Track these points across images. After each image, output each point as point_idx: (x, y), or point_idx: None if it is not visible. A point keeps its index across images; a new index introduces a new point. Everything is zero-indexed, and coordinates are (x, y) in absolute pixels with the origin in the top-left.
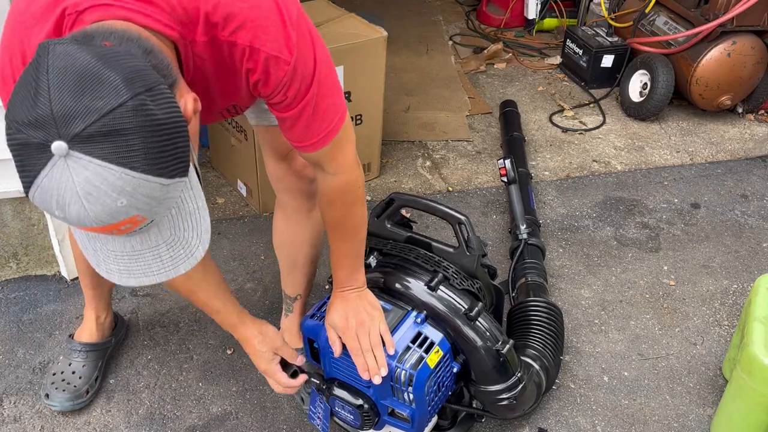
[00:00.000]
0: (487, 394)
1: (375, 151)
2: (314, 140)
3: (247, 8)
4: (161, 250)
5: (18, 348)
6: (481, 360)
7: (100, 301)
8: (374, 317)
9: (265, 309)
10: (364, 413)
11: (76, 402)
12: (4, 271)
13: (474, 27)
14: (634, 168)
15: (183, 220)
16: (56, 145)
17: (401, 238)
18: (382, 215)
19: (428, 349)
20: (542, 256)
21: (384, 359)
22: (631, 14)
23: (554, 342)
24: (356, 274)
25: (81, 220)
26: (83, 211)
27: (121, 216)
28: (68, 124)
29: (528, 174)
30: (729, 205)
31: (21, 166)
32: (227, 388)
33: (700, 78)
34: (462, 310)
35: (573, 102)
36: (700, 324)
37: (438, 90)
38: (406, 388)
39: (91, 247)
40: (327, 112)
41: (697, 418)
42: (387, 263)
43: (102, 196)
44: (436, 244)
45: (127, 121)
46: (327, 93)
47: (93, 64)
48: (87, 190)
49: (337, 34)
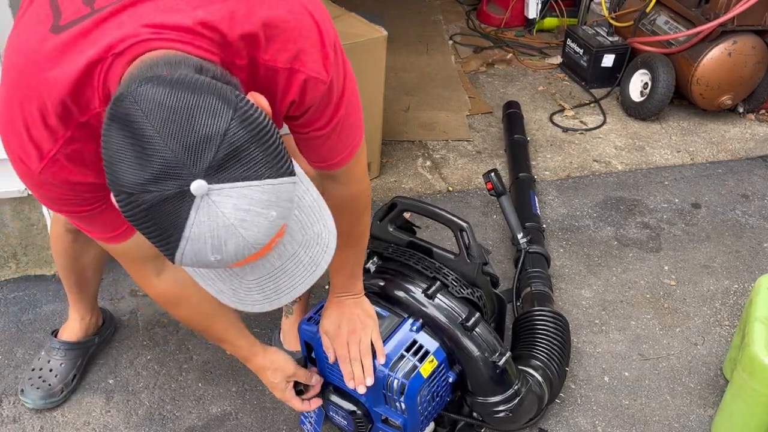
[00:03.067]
0: (483, 406)
1: (375, 151)
2: (338, 158)
3: (290, 29)
4: (300, 256)
5: (17, 348)
6: (477, 371)
7: (84, 303)
8: (367, 325)
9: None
10: (357, 419)
11: (49, 400)
12: (3, 271)
13: (474, 26)
14: (635, 168)
15: (307, 216)
16: (196, 186)
17: (402, 243)
18: (384, 219)
19: (422, 358)
20: (547, 263)
21: (371, 369)
22: (632, 14)
23: (560, 353)
24: (354, 281)
25: (240, 253)
26: (241, 240)
27: (273, 231)
28: (196, 160)
29: (531, 178)
30: (730, 205)
31: (162, 229)
32: (227, 389)
33: (701, 77)
34: (459, 319)
35: (573, 102)
36: (701, 324)
37: (438, 90)
38: (398, 396)
39: (228, 288)
40: (352, 128)
41: (698, 418)
42: (386, 269)
43: (255, 217)
44: (437, 250)
45: (241, 136)
46: (354, 111)
47: (181, 93)
48: (240, 217)
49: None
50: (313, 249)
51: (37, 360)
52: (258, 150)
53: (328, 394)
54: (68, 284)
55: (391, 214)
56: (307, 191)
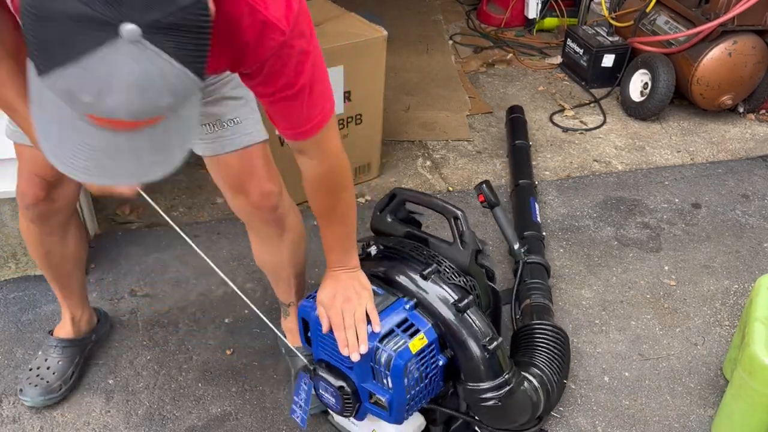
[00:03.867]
0: (473, 392)
1: (375, 151)
2: (308, 125)
3: None
4: (143, 153)
5: (17, 348)
6: (467, 354)
7: (71, 299)
8: (362, 296)
9: (264, 309)
10: (345, 395)
11: (48, 397)
12: (3, 272)
13: (474, 26)
14: (635, 168)
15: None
16: (129, 29)
17: (400, 233)
18: (384, 210)
19: (413, 335)
20: (547, 273)
21: (365, 336)
22: (632, 13)
23: (559, 365)
24: (348, 256)
25: (113, 112)
26: (125, 103)
27: (155, 114)
28: (147, 8)
29: (532, 185)
30: (730, 205)
31: (62, 40)
32: (227, 389)
33: (701, 77)
34: (452, 300)
35: (573, 102)
36: (701, 324)
37: (438, 90)
38: (385, 369)
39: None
40: (321, 96)
41: (698, 418)
42: (385, 254)
43: (153, 92)
44: (433, 240)
45: (196, 19)
46: (321, 78)
47: None
48: (142, 83)
49: (337, 34)
50: (158, 156)
51: (35, 360)
52: (204, 41)
53: (318, 370)
54: (50, 280)
55: (390, 204)
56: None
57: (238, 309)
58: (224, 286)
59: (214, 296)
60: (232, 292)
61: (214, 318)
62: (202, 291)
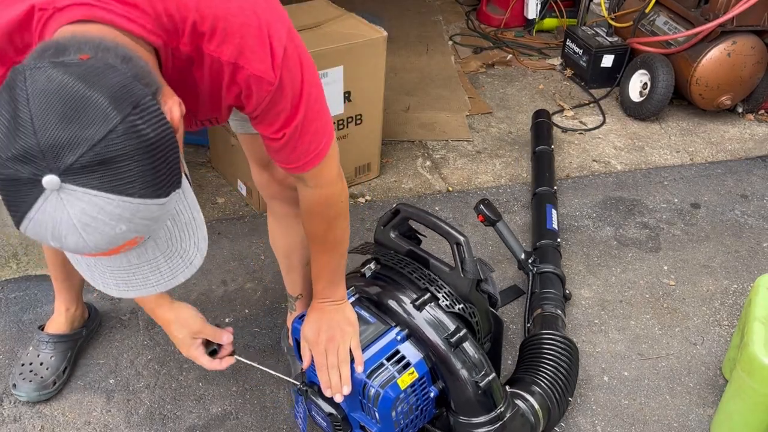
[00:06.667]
0: (464, 426)
1: (375, 151)
2: (301, 163)
3: (237, 24)
4: (159, 263)
5: (18, 348)
6: (459, 389)
7: (70, 293)
8: (346, 333)
9: (264, 309)
10: (335, 422)
11: (42, 392)
12: (4, 271)
13: (474, 27)
14: (634, 168)
15: (180, 230)
16: (47, 180)
17: (402, 251)
18: (387, 225)
19: (403, 369)
20: (561, 282)
21: (348, 377)
22: (631, 14)
23: (564, 381)
24: (335, 287)
25: (79, 249)
26: (81, 241)
27: (120, 241)
28: (58, 156)
29: (550, 192)
30: (729, 205)
31: (10, 201)
32: (227, 388)
33: (700, 78)
34: (445, 333)
35: (573, 102)
36: (700, 324)
37: (438, 90)
38: (373, 405)
39: (84, 262)
40: (315, 135)
41: (697, 418)
42: (381, 275)
43: (100, 226)
44: (435, 261)
45: (120, 147)
46: (315, 117)
47: (75, 86)
48: (84, 222)
49: (337, 34)
50: (175, 261)
51: (25, 355)
52: (135, 166)
53: (310, 394)
54: (55, 275)
55: (394, 220)
56: (188, 209)
57: (238, 309)
58: (224, 285)
59: (215, 296)
60: (232, 292)
61: (215, 318)
62: (203, 291)
